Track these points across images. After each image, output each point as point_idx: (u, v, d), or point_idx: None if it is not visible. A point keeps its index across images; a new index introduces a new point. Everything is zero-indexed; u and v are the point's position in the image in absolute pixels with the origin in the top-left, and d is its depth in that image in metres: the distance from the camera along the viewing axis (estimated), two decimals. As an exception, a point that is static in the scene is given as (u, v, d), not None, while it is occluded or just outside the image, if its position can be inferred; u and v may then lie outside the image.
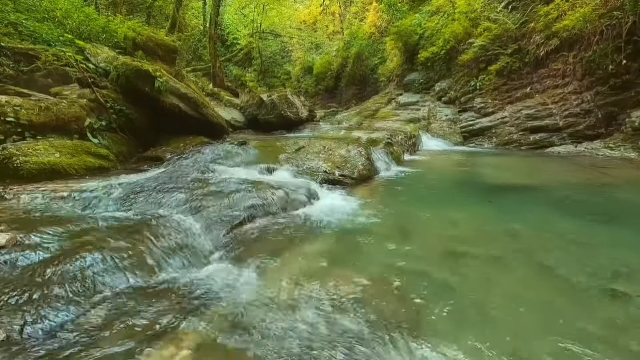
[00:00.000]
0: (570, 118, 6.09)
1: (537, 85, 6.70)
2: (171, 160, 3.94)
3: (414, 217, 2.63)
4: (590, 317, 1.34)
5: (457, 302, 1.43)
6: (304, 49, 17.44)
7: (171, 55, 6.08)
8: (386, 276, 1.67)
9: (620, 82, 5.50)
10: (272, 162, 3.92)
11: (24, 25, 4.90)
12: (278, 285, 1.58)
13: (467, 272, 1.72)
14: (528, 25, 7.03)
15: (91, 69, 4.36)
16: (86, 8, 6.48)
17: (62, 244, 1.67)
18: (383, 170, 4.34)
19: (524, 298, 1.49)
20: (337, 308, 1.39)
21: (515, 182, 3.79)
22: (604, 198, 3.08)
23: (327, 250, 2.00)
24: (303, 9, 19.56)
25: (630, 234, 2.18)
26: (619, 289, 1.51)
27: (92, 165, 3.42)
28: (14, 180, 2.74)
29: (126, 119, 4.26)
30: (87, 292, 1.41)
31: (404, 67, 10.91)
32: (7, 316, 1.20)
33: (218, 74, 11.76)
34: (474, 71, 8.08)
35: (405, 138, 6.30)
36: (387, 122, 8.56)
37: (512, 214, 2.65)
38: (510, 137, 6.81)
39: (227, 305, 1.40)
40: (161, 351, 1.12)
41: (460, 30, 8.60)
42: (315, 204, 2.88)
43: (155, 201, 2.46)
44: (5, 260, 1.47)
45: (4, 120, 3.06)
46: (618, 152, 5.21)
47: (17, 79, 4.17)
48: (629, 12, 5.24)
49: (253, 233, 2.22)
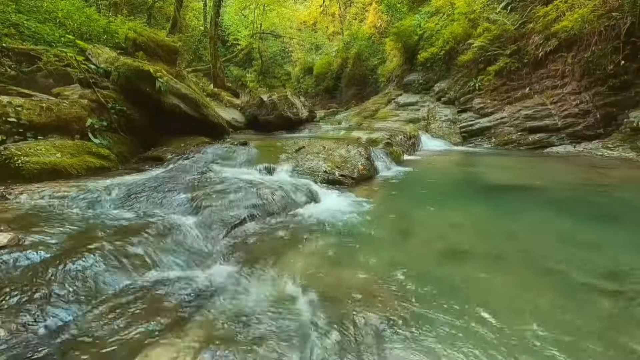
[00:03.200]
0: (569, 118, 6.10)
1: (536, 86, 6.71)
2: (172, 161, 3.96)
3: (414, 217, 2.63)
4: (589, 316, 1.34)
5: (457, 302, 1.44)
6: (304, 49, 17.47)
7: (172, 56, 6.10)
8: (386, 276, 1.67)
9: (618, 82, 5.52)
10: (272, 162, 3.93)
11: (26, 26, 4.92)
12: (278, 285, 1.59)
13: (466, 271, 1.73)
14: (527, 26, 7.05)
15: (92, 70, 4.38)
16: (87, 9, 6.50)
17: (63, 244, 1.68)
18: (383, 170, 4.35)
19: (523, 297, 1.49)
20: (337, 308, 1.39)
21: (514, 182, 3.80)
22: (602, 198, 3.09)
23: (327, 250, 2.01)
24: (303, 9, 19.60)
25: (629, 234, 2.19)
26: (618, 289, 1.52)
27: (93, 166, 3.44)
28: (15, 180, 2.75)
29: (127, 120, 4.27)
30: (88, 292, 1.41)
31: (403, 68, 10.93)
32: (8, 315, 1.20)
33: (218, 75, 11.79)
34: (473, 72, 8.10)
35: (405, 138, 6.32)
36: (387, 123, 8.58)
37: (511, 214, 2.66)
38: (509, 138, 6.83)
39: (227, 305, 1.41)
40: (161, 351, 1.12)
41: (459, 31, 8.63)
42: (315, 203, 2.89)
43: (156, 201, 2.47)
44: (7, 260, 1.47)
45: (5, 121, 3.07)
46: (617, 152, 5.22)
47: (19, 80, 4.19)
48: (627, 13, 5.26)
49: (253, 233, 2.22)
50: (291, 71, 17.44)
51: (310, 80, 15.95)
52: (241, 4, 17.27)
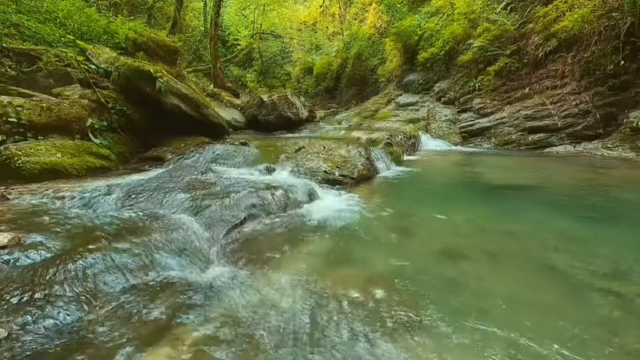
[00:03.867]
0: (569, 118, 6.11)
1: (535, 86, 6.72)
2: (172, 161, 3.96)
3: (414, 217, 2.64)
4: (588, 315, 1.35)
5: (457, 301, 1.44)
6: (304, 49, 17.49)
7: (172, 56, 6.10)
8: (386, 275, 1.67)
9: (618, 82, 5.53)
10: (272, 162, 3.93)
11: (26, 26, 4.92)
12: (278, 285, 1.59)
13: (466, 271, 1.73)
14: (527, 26, 7.06)
15: (92, 70, 4.39)
16: (87, 9, 6.51)
17: (64, 244, 1.68)
18: (383, 170, 4.36)
19: (523, 297, 1.50)
20: (337, 308, 1.39)
21: (514, 182, 3.80)
22: (602, 198, 3.09)
23: (327, 249, 2.01)
24: (303, 10, 19.61)
25: (628, 234, 2.20)
26: (617, 288, 1.52)
27: (94, 166, 3.44)
28: (15, 180, 2.76)
29: (127, 120, 4.28)
30: (88, 292, 1.41)
31: (403, 68, 10.94)
32: (9, 315, 1.20)
33: (219, 75, 11.80)
34: (473, 72, 8.11)
35: (405, 138, 6.32)
36: (387, 123, 8.59)
37: (511, 214, 2.66)
38: (509, 138, 6.83)
39: (228, 305, 1.41)
40: (162, 351, 1.12)
41: (459, 31, 8.63)
42: (315, 203, 2.89)
43: (156, 201, 2.47)
44: (7, 260, 1.47)
45: (5, 121, 3.08)
46: (616, 152, 5.22)
47: (19, 80, 4.20)
48: (627, 13, 5.27)
49: (253, 233, 2.23)
50: (291, 71, 17.45)
51: (310, 80, 15.96)
52: (241, 4, 17.28)
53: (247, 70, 17.43)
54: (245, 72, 17.17)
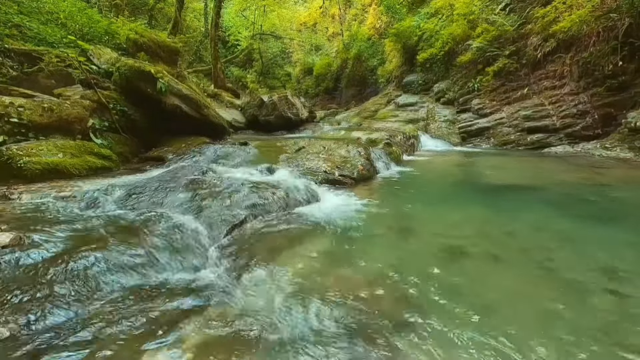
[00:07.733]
0: (567, 119, 6.13)
1: (534, 87, 6.74)
2: (173, 161, 3.97)
3: (413, 217, 2.65)
4: (588, 315, 1.35)
5: (457, 301, 1.44)
6: (304, 50, 17.53)
7: (173, 57, 6.13)
8: (386, 275, 1.68)
9: (616, 83, 5.55)
10: (272, 163, 3.94)
11: (28, 27, 4.95)
12: (278, 284, 1.59)
13: (466, 270, 1.74)
14: (525, 27, 7.09)
15: (94, 70, 4.41)
16: (89, 10, 6.54)
17: (65, 244, 1.68)
18: (382, 170, 4.37)
19: (522, 296, 1.50)
20: (337, 308, 1.40)
21: (513, 182, 3.82)
22: (600, 198, 3.10)
23: (327, 249, 2.02)
24: (303, 11, 19.66)
25: (627, 233, 2.20)
26: (616, 288, 1.53)
27: (95, 166, 3.46)
28: (17, 180, 2.77)
29: (128, 120, 4.29)
30: (90, 291, 1.40)
31: (403, 69, 10.97)
32: (11, 314, 1.20)
33: (219, 75, 11.82)
34: (472, 72, 8.14)
35: (405, 138, 6.34)
36: (387, 123, 8.61)
37: (510, 214, 2.67)
38: (508, 138, 6.85)
39: (228, 305, 1.41)
40: (162, 351, 1.12)
41: (458, 31, 8.67)
42: (316, 203, 2.90)
43: (157, 201, 2.49)
44: (9, 260, 1.46)
45: (7, 121, 3.09)
46: (614, 152, 5.24)
47: (21, 80, 4.21)
48: (625, 14, 5.29)
49: (254, 233, 2.23)
50: (291, 72, 17.49)
51: (310, 80, 16.00)
52: (242, 5, 17.32)
53: (247, 70, 17.47)
54: (245, 72, 17.21)
